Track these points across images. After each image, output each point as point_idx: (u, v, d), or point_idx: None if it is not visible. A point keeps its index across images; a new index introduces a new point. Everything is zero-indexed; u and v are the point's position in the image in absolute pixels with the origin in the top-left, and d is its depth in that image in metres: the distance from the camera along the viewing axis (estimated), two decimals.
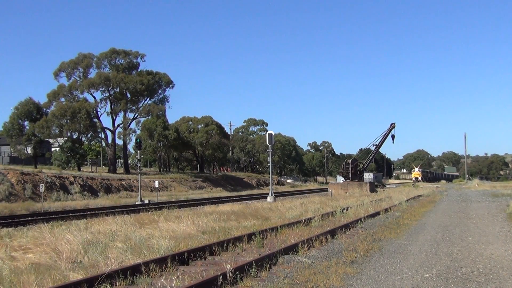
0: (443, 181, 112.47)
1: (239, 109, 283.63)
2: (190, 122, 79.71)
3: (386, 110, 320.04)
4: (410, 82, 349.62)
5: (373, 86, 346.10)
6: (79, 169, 54.84)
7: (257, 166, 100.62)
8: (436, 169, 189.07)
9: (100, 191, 44.26)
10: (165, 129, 64.47)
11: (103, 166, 73.77)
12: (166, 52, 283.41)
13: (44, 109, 59.16)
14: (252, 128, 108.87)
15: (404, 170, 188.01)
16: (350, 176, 51.11)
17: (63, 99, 59.89)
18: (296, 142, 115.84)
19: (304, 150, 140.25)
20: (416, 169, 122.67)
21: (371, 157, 56.53)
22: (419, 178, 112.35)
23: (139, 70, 64.89)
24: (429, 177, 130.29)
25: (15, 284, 7.47)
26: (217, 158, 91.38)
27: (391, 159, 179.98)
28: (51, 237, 11.46)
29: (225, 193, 54.55)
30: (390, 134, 53.17)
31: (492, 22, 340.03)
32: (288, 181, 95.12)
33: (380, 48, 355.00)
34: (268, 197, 32.48)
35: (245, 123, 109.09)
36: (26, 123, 57.83)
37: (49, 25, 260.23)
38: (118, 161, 73.74)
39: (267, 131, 65.14)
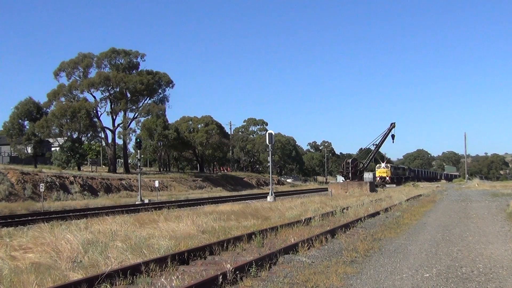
0: (443, 181, 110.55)
1: (239, 109, 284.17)
2: (190, 122, 79.71)
3: (386, 110, 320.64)
4: (410, 82, 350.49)
5: (373, 86, 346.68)
6: (79, 169, 54.83)
7: (257, 166, 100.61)
8: (435, 168, 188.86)
9: (100, 190, 44.25)
10: (165, 129, 64.48)
11: (103, 166, 73.74)
12: (166, 52, 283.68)
13: (44, 108, 59.20)
14: (252, 128, 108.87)
15: None
16: (350, 175, 51.03)
17: (63, 99, 59.92)
18: (296, 142, 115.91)
19: (304, 149, 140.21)
20: (383, 164, 75.56)
21: (371, 157, 56.43)
22: (388, 179, 73.29)
23: (139, 69, 64.85)
24: (407, 176, 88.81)
25: (15, 284, 7.47)
26: (217, 158, 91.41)
27: (391, 159, 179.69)
28: (51, 237, 11.45)
29: (225, 193, 54.53)
30: (390, 134, 53.03)
31: (492, 22, 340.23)
32: (288, 180, 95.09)
33: (380, 48, 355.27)
34: (268, 197, 32.45)
35: (245, 123, 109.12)
36: (26, 122, 57.89)
37: (49, 25, 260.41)
38: (118, 160, 73.71)
39: (267, 130, 65.19)
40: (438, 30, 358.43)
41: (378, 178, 70.66)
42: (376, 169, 74.60)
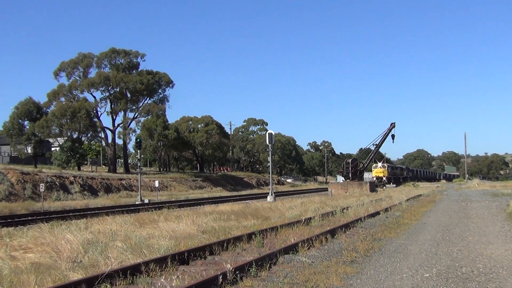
0: (443, 181, 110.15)
1: (239, 109, 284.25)
2: (190, 122, 79.68)
3: (386, 110, 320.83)
4: (410, 82, 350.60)
5: (373, 86, 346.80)
6: (79, 169, 54.83)
7: (257, 166, 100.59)
8: (435, 168, 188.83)
9: (100, 190, 44.25)
10: (165, 129, 64.46)
11: (103, 166, 73.75)
12: (166, 52, 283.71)
13: (44, 108, 59.22)
14: (252, 128, 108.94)
15: None
16: (350, 175, 51.04)
17: (63, 99, 59.94)
18: (296, 142, 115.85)
19: (304, 149, 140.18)
20: (379, 164, 69.28)
21: (371, 157, 56.45)
22: (385, 179, 67.92)
23: (139, 69, 64.88)
24: (405, 176, 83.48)
25: (15, 284, 7.47)
26: (217, 158, 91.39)
27: (391, 159, 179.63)
28: (51, 237, 11.45)
29: (225, 193, 54.53)
30: (390, 134, 53.03)
31: (492, 22, 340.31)
32: (288, 180, 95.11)
33: (380, 48, 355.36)
34: (268, 197, 32.45)
35: (245, 123, 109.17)
36: (26, 122, 57.91)
37: (49, 25, 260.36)
38: (118, 160, 73.73)
39: (267, 130, 65.14)
40: (438, 30, 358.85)
41: (374, 178, 66.48)
42: (372, 169, 70.26)
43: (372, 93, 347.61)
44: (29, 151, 57.67)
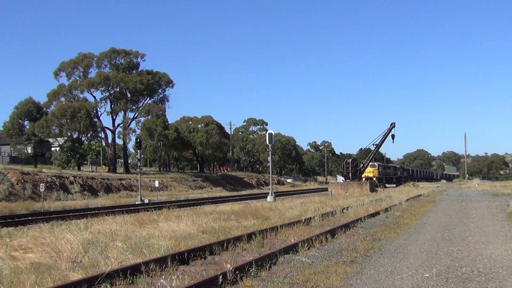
0: (443, 181, 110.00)
1: (239, 109, 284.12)
2: (190, 122, 79.67)
3: (386, 110, 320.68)
4: (410, 82, 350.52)
5: (373, 86, 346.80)
6: (79, 169, 54.82)
7: (257, 166, 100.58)
8: (436, 168, 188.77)
9: (100, 190, 44.24)
10: (165, 129, 64.46)
11: (103, 166, 73.74)
12: (166, 52, 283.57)
13: (44, 108, 59.19)
14: (252, 128, 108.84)
15: None
16: (350, 175, 51.07)
17: (63, 99, 59.91)
18: (296, 142, 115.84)
19: (304, 149, 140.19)
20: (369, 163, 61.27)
21: (371, 157, 56.41)
22: (375, 179, 63.52)
23: (139, 69, 64.82)
24: (399, 176, 78.92)
25: (15, 284, 7.47)
26: (217, 158, 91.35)
27: (391, 159, 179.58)
28: (51, 237, 11.46)
29: (225, 193, 54.53)
30: (390, 134, 53.00)
31: (492, 22, 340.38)
32: (288, 180, 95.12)
33: (380, 48, 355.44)
34: (268, 197, 32.45)
35: (245, 123, 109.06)
36: (26, 122, 57.87)
37: (49, 25, 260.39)
38: (118, 160, 73.72)
39: (267, 130, 65.13)
40: (438, 30, 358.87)
41: (364, 179, 58.85)
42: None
43: (372, 93, 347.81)
44: (29, 151, 57.66)
